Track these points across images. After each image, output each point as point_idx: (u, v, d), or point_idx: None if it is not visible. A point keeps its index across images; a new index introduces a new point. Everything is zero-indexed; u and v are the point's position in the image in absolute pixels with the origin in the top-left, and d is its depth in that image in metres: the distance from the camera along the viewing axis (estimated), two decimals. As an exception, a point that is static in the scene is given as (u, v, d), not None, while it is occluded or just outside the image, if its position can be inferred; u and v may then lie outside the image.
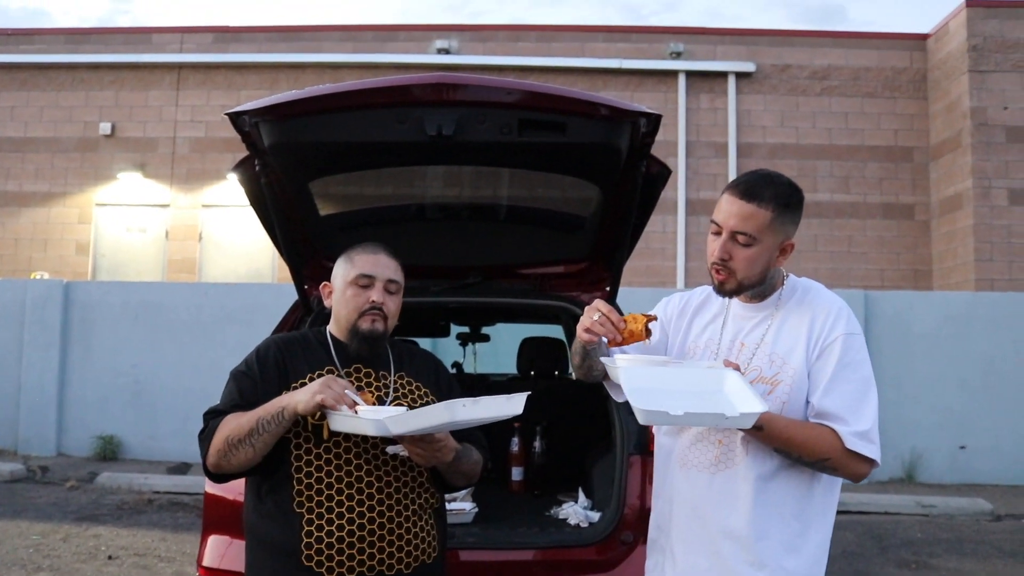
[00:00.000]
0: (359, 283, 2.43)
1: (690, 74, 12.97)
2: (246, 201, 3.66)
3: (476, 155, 3.21)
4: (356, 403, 2.24)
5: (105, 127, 13.22)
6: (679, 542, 2.19)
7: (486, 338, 6.56)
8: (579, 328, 2.14)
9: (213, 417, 2.33)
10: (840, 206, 12.52)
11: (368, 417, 2.15)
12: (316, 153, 3.17)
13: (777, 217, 2.09)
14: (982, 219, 11.52)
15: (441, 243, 3.91)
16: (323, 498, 2.28)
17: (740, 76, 12.96)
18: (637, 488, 3.30)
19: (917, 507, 8.14)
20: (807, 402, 2.10)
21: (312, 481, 2.29)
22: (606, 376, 2.36)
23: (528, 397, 2.19)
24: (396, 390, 2.45)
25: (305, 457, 2.31)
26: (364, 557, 2.26)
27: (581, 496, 3.70)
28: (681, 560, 2.18)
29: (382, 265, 2.46)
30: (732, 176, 12.66)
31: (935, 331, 9.27)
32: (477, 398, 2.11)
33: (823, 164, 12.70)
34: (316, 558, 2.25)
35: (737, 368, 2.07)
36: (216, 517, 3.38)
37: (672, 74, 12.92)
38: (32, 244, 13.21)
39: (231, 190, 12.78)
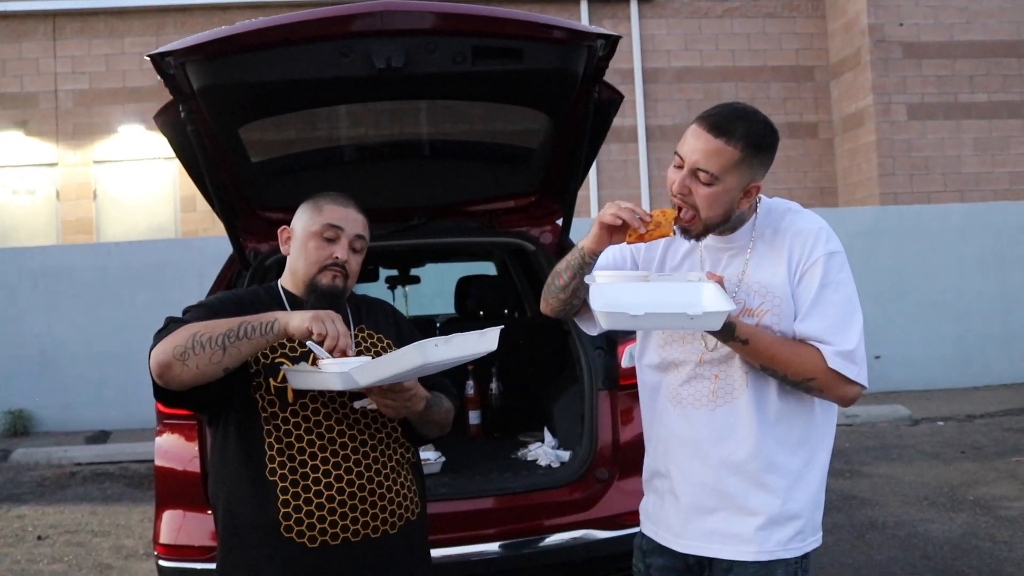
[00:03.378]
0: (324, 234, 2.23)
1: (592, 0, 12.80)
2: (141, 155, 3.40)
3: (426, 88, 3.02)
4: (320, 356, 2.08)
5: (-22, 83, 12.31)
6: (681, 482, 2.12)
7: (416, 280, 6.40)
8: (602, 215, 2.00)
9: (176, 322, 2.08)
10: (745, 128, 12.59)
11: (332, 370, 1.98)
12: (252, 95, 2.95)
13: (745, 158, 1.93)
14: (883, 135, 11.80)
15: (383, 184, 3.72)
16: (296, 464, 2.11)
17: (642, 1, 12.85)
18: (608, 423, 3.24)
19: (842, 417, 8.36)
20: (793, 332, 2.03)
21: (283, 446, 2.12)
22: (580, 310, 2.26)
23: None
24: (358, 344, 2.29)
25: (273, 421, 2.13)
26: (347, 522, 2.12)
27: (547, 435, 3.62)
28: (685, 500, 2.11)
29: (351, 219, 2.27)
30: (640, 102, 12.67)
31: (845, 246, 9.18)
32: (448, 336, 1.96)
33: (728, 86, 12.76)
34: (296, 528, 2.09)
35: (720, 281, 1.98)
36: (169, 491, 3.20)
37: (574, 1, 12.72)
38: (-91, 214, 12.31)
39: (124, 144, 12.10)
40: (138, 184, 12.22)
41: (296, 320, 1.99)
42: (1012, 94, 12.11)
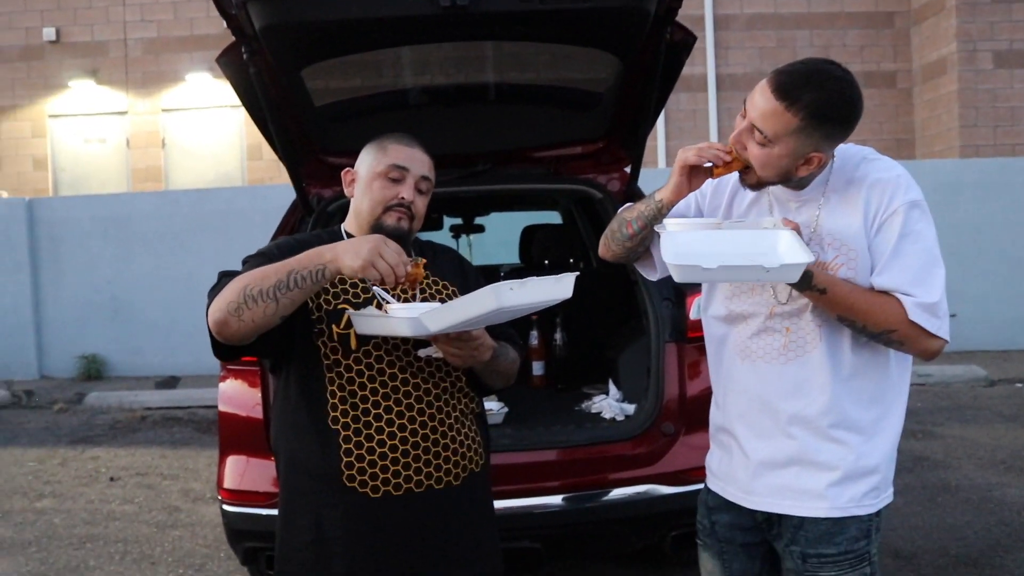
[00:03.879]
0: (389, 175, 2.16)
1: (662, -54, 12.42)
2: (209, 103, 3.37)
3: (492, 28, 2.92)
4: (387, 301, 2.03)
5: (49, 32, 12.47)
6: (749, 438, 2.03)
7: (481, 229, 6.32)
8: (682, 159, 1.91)
9: (228, 275, 2.03)
10: (820, 77, 12.18)
11: (401, 316, 1.92)
12: (314, 34, 2.87)
13: (805, 128, 1.80)
14: (967, 84, 11.28)
15: (448, 129, 3.63)
16: (359, 412, 2.07)
17: (714, -55, 12.44)
18: (675, 377, 3.15)
19: (915, 377, 8.09)
20: (871, 285, 1.91)
21: (346, 395, 2.07)
22: (642, 255, 2.18)
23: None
24: (423, 291, 2.23)
25: (336, 368, 2.08)
26: (411, 472, 2.06)
27: (612, 388, 3.55)
28: (754, 455, 2.02)
29: (417, 160, 2.20)
30: (710, 50, 12.31)
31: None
32: (524, 280, 1.87)
33: (802, 34, 12.32)
34: (359, 478, 2.05)
35: (797, 229, 1.87)
36: (232, 436, 3.21)
37: (644, -54, 12.36)
38: (-14, 162, 12.64)
39: (192, 92, 12.21)
40: (205, 132, 12.34)
41: (348, 263, 1.89)
42: (1108, 40, 11.46)
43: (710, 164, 1.89)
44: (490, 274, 4.73)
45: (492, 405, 3.37)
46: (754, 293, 2.00)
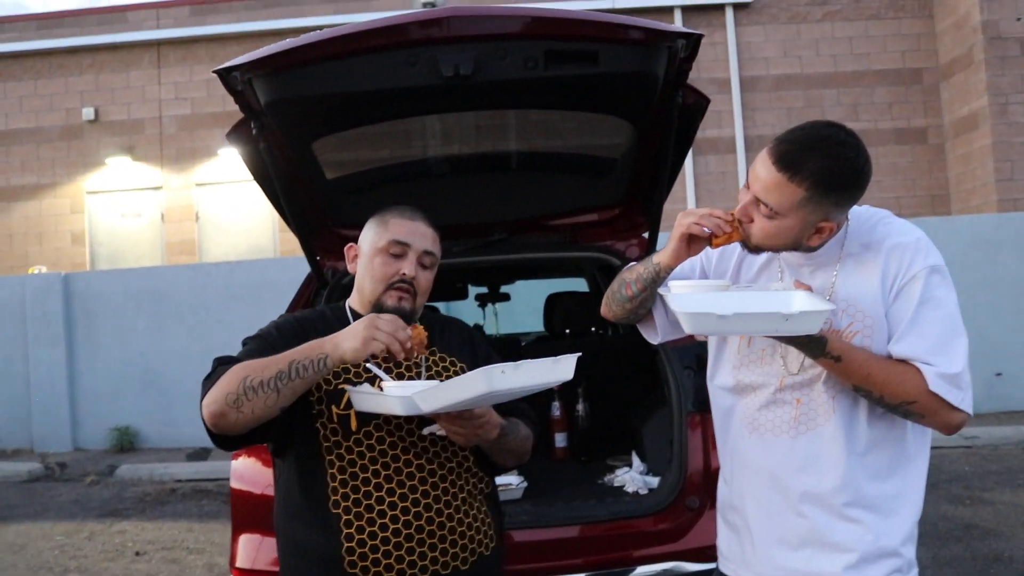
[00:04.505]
0: (390, 251, 2.12)
1: (686, 9, 12.52)
2: (241, 176, 3.40)
3: (498, 96, 2.89)
4: (382, 379, 1.97)
5: (88, 112, 12.82)
6: (758, 517, 1.92)
7: (506, 297, 6.26)
8: (681, 225, 1.84)
9: (224, 364, 1.97)
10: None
11: (394, 394, 1.86)
12: (319, 108, 2.86)
13: (812, 198, 1.71)
14: (1000, 137, 11.14)
15: (461, 199, 3.60)
16: (360, 496, 1.99)
17: (737, 7, 12.52)
18: (699, 448, 3.03)
19: (960, 439, 7.89)
20: (888, 354, 1.81)
21: (346, 477, 2.00)
22: (644, 316, 2.10)
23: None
24: (429, 368, 2.16)
25: (336, 451, 2.02)
26: (415, 558, 1.98)
27: (635, 460, 3.43)
28: (763, 536, 1.91)
29: (419, 234, 2.15)
30: (738, 112, 12.32)
31: (961, 257, 8.91)
32: (518, 363, 1.81)
33: (830, 93, 12.30)
34: (361, 564, 1.97)
35: (809, 289, 1.78)
36: (245, 514, 3.13)
37: (668, 10, 12.45)
38: (27, 238, 12.88)
39: (224, 167, 12.43)
40: (238, 205, 12.52)
41: (349, 347, 1.86)
42: None
43: (709, 231, 1.82)
44: (509, 344, 4.67)
45: (512, 480, 3.27)
46: (763, 363, 1.91)
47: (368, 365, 1.98)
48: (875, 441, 1.84)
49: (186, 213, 12.81)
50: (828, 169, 1.71)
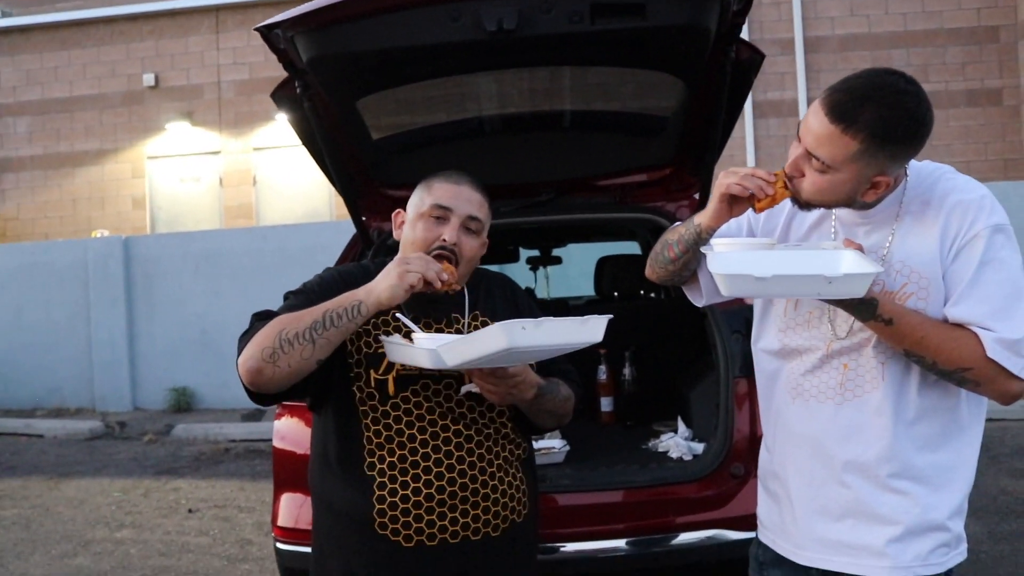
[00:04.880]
0: (432, 214, 2.04)
1: (748, -31, 12.17)
2: (297, 141, 3.36)
3: (543, 52, 2.81)
4: (412, 329, 1.93)
5: (149, 78, 12.99)
6: (800, 486, 1.84)
7: (558, 260, 6.20)
8: (720, 185, 1.75)
9: (262, 319, 1.94)
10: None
11: (423, 346, 1.82)
12: (361, 65, 2.82)
13: (867, 151, 1.61)
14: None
15: (509, 159, 3.54)
16: (395, 459, 1.96)
17: (803, -34, 12.14)
18: (746, 414, 2.96)
19: (1020, 408, 7.65)
20: (944, 318, 1.70)
21: (382, 441, 1.98)
22: (689, 278, 2.02)
23: (613, 320, 1.84)
24: (469, 331, 2.10)
25: (372, 414, 1.99)
26: (446, 523, 1.95)
27: (680, 426, 3.37)
28: (805, 506, 1.83)
29: (463, 198, 2.06)
30: (801, 74, 11.98)
31: None
32: (540, 319, 1.75)
33: (898, 53, 11.87)
34: (391, 526, 1.95)
35: (860, 249, 1.68)
36: (287, 474, 3.17)
37: (729, -29, 12.13)
38: (90, 203, 13.16)
39: (281, 131, 12.49)
40: (295, 169, 12.60)
41: (385, 294, 1.83)
42: None
43: (751, 191, 1.72)
44: (559, 306, 4.62)
45: (555, 443, 3.24)
46: (811, 326, 1.82)
47: (399, 315, 1.94)
48: (926, 410, 1.74)
49: (244, 177, 12.95)
50: (885, 120, 1.60)
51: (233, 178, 12.96)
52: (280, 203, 12.78)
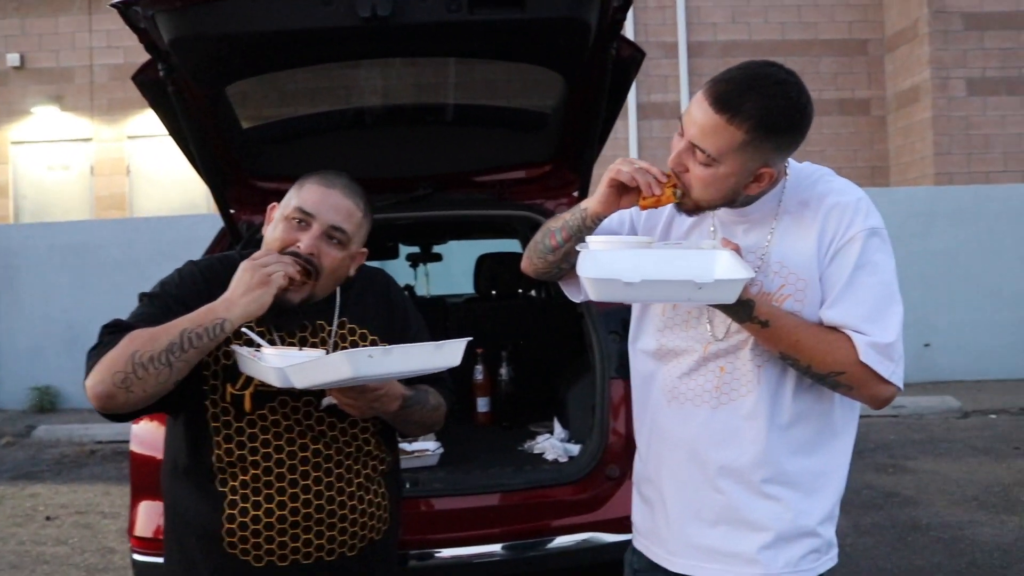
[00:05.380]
0: (294, 217, 1.89)
1: (635, -28, 12.36)
2: None
3: (418, 41, 2.72)
4: (259, 345, 1.80)
5: (13, 58, 12.24)
6: (674, 491, 1.82)
7: (438, 257, 6.12)
8: (611, 170, 1.70)
9: (112, 333, 1.77)
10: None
11: (272, 364, 1.70)
12: (228, 49, 2.68)
13: (751, 141, 1.59)
14: (940, 111, 11.22)
15: (385, 151, 3.44)
16: (248, 477, 1.84)
17: (688, -28, 12.39)
18: (622, 416, 2.93)
19: (889, 408, 7.99)
20: (819, 320, 1.70)
21: (234, 459, 1.85)
22: (567, 274, 1.96)
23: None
24: (336, 344, 1.97)
25: (225, 430, 1.85)
26: (299, 544, 1.85)
27: (557, 427, 3.33)
28: (678, 511, 1.80)
29: (329, 204, 1.89)
30: (684, 77, 12.23)
31: (897, 229, 8.81)
32: (390, 347, 1.68)
33: (776, 60, 12.23)
34: (241, 545, 1.84)
35: (737, 250, 1.65)
36: (145, 481, 2.97)
37: (617, -26, 12.27)
38: (-54, 188, 12.36)
39: (157, 119, 11.98)
40: (171, 159, 12.04)
41: (252, 306, 1.73)
42: (1079, 69, 11.45)
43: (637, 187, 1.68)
44: (434, 306, 4.53)
45: (428, 445, 3.15)
46: (688, 327, 1.79)
47: (243, 329, 1.80)
48: (800, 415, 1.74)
49: (117, 166, 12.36)
50: (768, 109, 1.58)
51: (105, 167, 12.35)
52: (155, 194, 12.26)
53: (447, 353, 1.72)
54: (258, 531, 1.83)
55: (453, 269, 7.32)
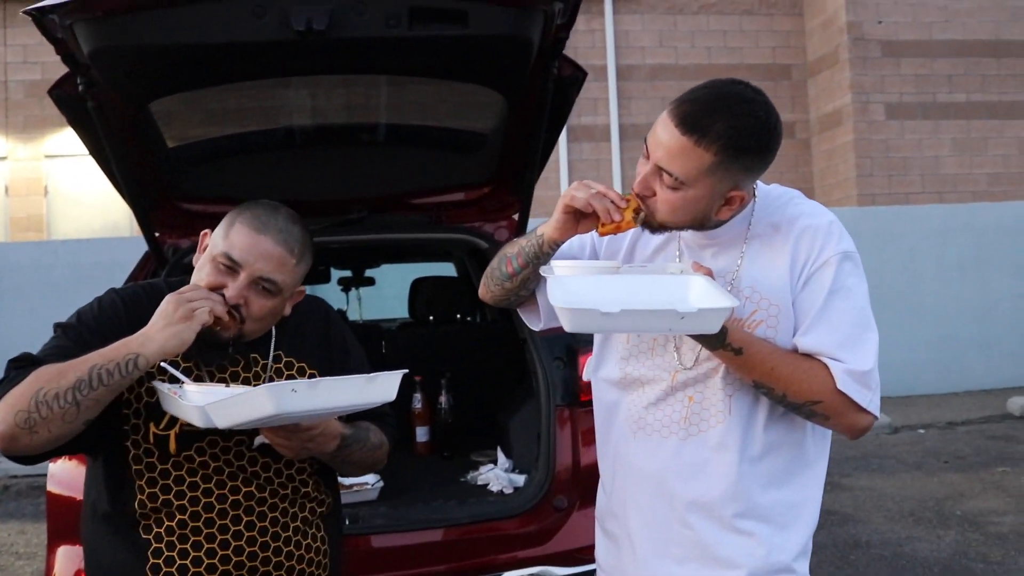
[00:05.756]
0: (222, 262, 1.72)
1: (565, -4, 12.41)
2: None
3: (355, 58, 2.62)
4: (180, 382, 1.66)
5: (-79, 73, 11.76)
6: (641, 526, 1.73)
7: (371, 282, 5.97)
8: (566, 197, 1.61)
9: (20, 368, 1.62)
10: (722, 128, 12.28)
11: (192, 403, 1.56)
12: (154, 62, 2.53)
13: (722, 162, 1.52)
14: (861, 134, 11.51)
15: (318, 172, 3.32)
16: (174, 524, 1.69)
17: (616, -4, 12.51)
18: (568, 444, 2.86)
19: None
20: (794, 347, 1.64)
21: (158, 505, 1.70)
22: (527, 299, 1.87)
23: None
24: (271, 379, 1.82)
25: (149, 473, 1.70)
26: None
27: (500, 456, 3.23)
28: (645, 547, 1.72)
29: (258, 252, 1.71)
30: (613, 100, 12.31)
31: None
32: (316, 380, 1.54)
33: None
34: None
35: (710, 274, 1.58)
36: (63, 525, 2.78)
37: (547, -4, 12.33)
38: None
39: (78, 138, 11.59)
40: (92, 180, 11.65)
41: (171, 342, 1.57)
42: (991, 94, 11.86)
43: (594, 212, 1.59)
44: (374, 331, 4.40)
45: (367, 479, 3.02)
46: (655, 354, 1.71)
47: (164, 365, 1.66)
48: (772, 445, 1.66)
49: (34, 186, 11.89)
50: (737, 130, 1.51)
51: (20, 187, 11.87)
52: (75, 215, 11.83)
53: (380, 387, 1.59)
54: None
55: (385, 292, 7.19)
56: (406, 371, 1.64)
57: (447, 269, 5.99)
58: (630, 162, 12.25)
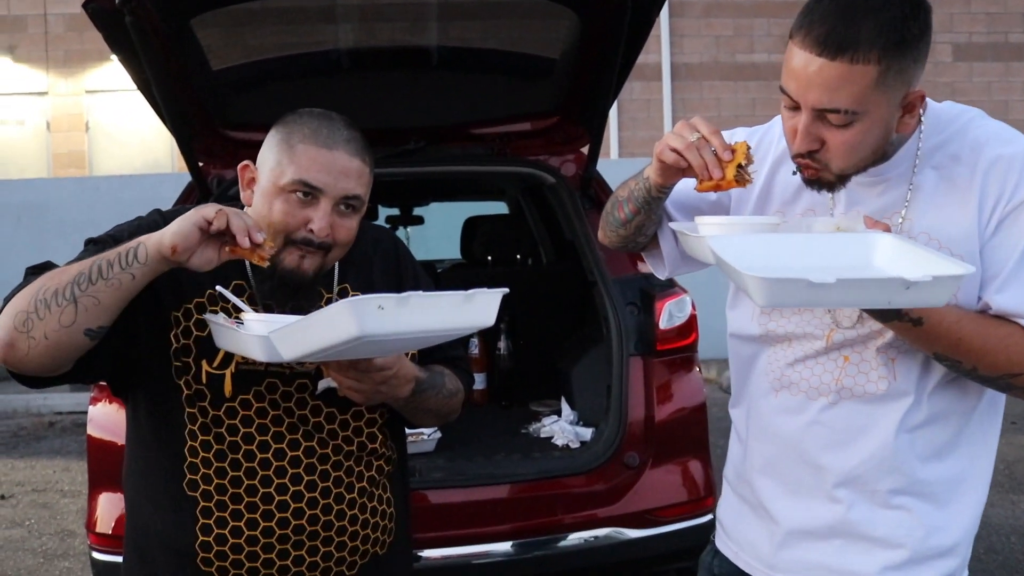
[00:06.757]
0: (295, 191, 1.49)
1: (618, -73, 11.94)
2: None
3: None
4: (239, 308, 1.46)
5: (-39, 6, 11.65)
6: (779, 496, 1.50)
7: (420, 220, 5.76)
8: (659, 144, 1.37)
9: (36, 272, 1.44)
10: (779, 67, 11.67)
11: (253, 331, 1.35)
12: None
13: (889, 68, 1.25)
14: (927, 76, 9.94)
15: (373, 100, 3.10)
16: (226, 481, 1.50)
17: (671, -72, 12.00)
18: (640, 397, 2.65)
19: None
20: (979, 299, 1.35)
21: (210, 456, 1.50)
22: (648, 244, 1.64)
23: (488, 287, 1.41)
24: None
25: (201, 419, 1.50)
26: (287, 562, 1.52)
27: (565, 407, 3.03)
28: (784, 520, 1.49)
29: (338, 170, 1.49)
30: (665, 38, 11.84)
31: None
32: (406, 295, 1.27)
33: (760, 22, 11.91)
34: (218, 562, 1.50)
35: (887, 230, 1.30)
36: (104, 471, 2.67)
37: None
38: None
39: (119, 72, 11.43)
40: (133, 115, 11.56)
41: (168, 234, 1.32)
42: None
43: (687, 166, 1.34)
44: (430, 272, 4.19)
45: (423, 429, 2.83)
46: (803, 310, 1.45)
47: (218, 288, 1.46)
48: (937, 415, 1.40)
49: (75, 122, 11.81)
50: (887, 24, 1.24)
51: (62, 123, 11.80)
52: (116, 152, 11.76)
53: (479, 308, 1.34)
54: (238, 546, 1.50)
55: (429, 233, 6.98)
56: (506, 290, 1.40)
57: (497, 208, 5.75)
58: (680, 102, 11.83)
